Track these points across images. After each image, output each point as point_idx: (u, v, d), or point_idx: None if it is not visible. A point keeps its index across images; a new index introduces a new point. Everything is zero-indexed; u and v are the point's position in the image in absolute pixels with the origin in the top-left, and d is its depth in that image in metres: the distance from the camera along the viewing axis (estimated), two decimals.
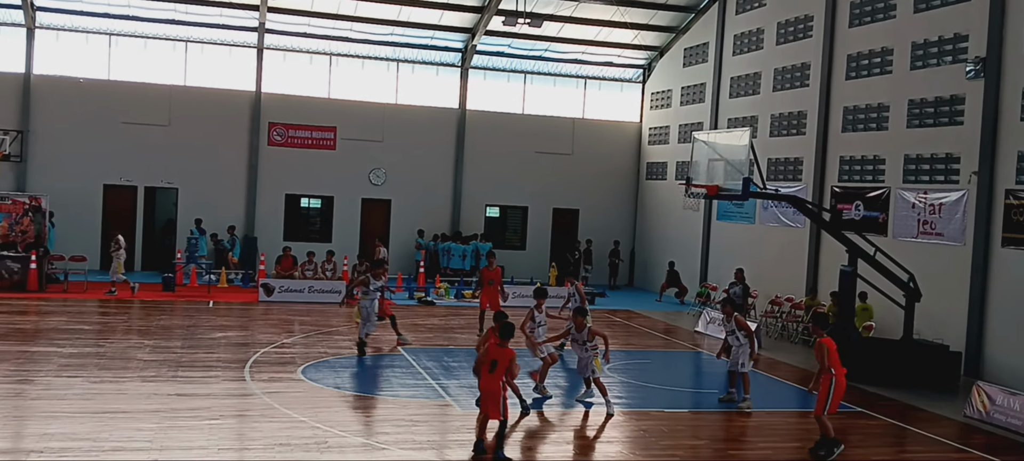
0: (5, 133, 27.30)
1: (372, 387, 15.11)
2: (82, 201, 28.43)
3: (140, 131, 29.10)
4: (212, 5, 28.53)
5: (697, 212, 27.75)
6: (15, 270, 23.71)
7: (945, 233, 19.62)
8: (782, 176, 25.23)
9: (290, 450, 11.18)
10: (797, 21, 25.08)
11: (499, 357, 11.13)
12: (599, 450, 12.29)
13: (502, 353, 11.17)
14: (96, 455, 10.60)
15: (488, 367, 11.14)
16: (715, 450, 12.54)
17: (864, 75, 22.46)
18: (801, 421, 14.93)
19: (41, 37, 28.69)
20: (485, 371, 11.17)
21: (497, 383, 11.09)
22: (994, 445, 13.36)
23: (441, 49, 31.69)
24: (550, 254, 32.75)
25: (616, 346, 20.43)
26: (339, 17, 29.40)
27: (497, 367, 11.07)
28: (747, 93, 27.20)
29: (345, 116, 30.84)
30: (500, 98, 32.81)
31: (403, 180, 31.44)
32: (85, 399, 13.18)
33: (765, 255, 25.58)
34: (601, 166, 33.35)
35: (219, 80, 30.05)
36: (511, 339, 11.54)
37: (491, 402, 11.10)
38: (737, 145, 18.04)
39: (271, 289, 24.44)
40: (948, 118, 19.87)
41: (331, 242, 30.10)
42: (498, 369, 11.07)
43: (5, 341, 17.10)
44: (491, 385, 11.10)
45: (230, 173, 30.00)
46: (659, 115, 32.69)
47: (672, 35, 31.56)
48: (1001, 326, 18.19)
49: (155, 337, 18.25)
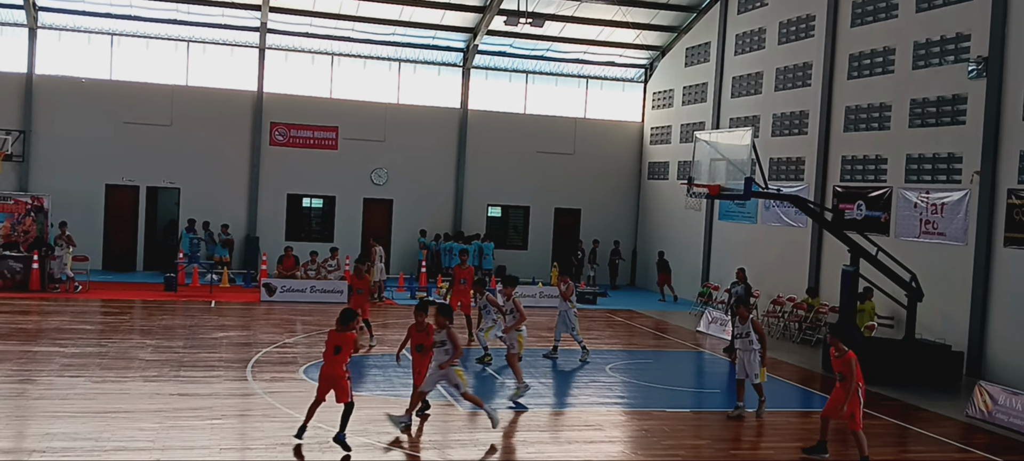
0: (7, 133, 27.38)
1: (373, 387, 15.11)
2: (84, 201, 28.44)
3: (142, 131, 29.13)
4: (214, 5, 28.55)
5: (699, 212, 27.74)
6: (17, 270, 23.72)
7: (947, 233, 19.60)
8: (784, 176, 25.22)
9: (291, 450, 11.18)
10: (799, 21, 25.07)
11: (342, 342, 11.32)
12: (600, 450, 12.28)
13: (344, 337, 11.36)
14: (98, 455, 10.61)
15: (331, 351, 11.33)
16: (717, 450, 12.53)
17: (866, 75, 22.44)
18: (802, 421, 14.94)
19: (43, 37, 28.73)
20: (328, 355, 11.37)
21: (340, 367, 11.29)
22: (996, 445, 13.35)
23: (443, 49, 31.70)
24: (552, 254, 32.76)
25: (617, 346, 20.47)
26: (341, 17, 29.41)
27: (341, 352, 11.28)
28: (749, 93, 27.19)
29: (347, 116, 30.86)
30: (502, 98, 32.82)
31: (405, 180, 31.46)
32: (87, 399, 13.19)
33: (767, 255, 25.58)
34: (603, 166, 33.35)
35: (221, 80, 30.08)
36: (351, 324, 11.66)
37: (336, 387, 11.29)
38: (739, 145, 18.03)
39: (273, 289, 24.47)
40: (950, 118, 19.85)
41: (333, 242, 30.13)
42: (342, 354, 11.28)
43: (7, 341, 17.12)
44: (334, 370, 11.32)
45: (232, 173, 30.02)
46: (661, 115, 32.68)
47: (674, 35, 31.55)
48: (1003, 326, 18.17)
49: (157, 337, 18.27)
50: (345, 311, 11.96)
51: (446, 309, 12.53)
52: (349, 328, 11.57)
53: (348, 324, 11.61)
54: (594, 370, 17.50)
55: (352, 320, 11.76)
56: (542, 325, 22.86)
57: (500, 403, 13.97)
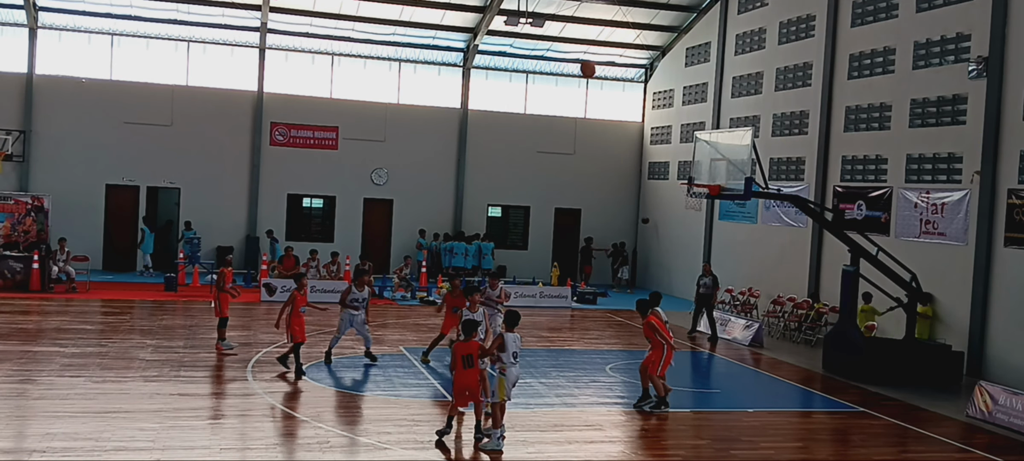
0: (8, 133, 27.39)
1: (374, 387, 15.11)
2: (84, 201, 28.44)
3: (142, 131, 29.13)
4: (214, 5, 28.55)
5: (699, 212, 27.73)
6: (17, 270, 23.72)
7: (947, 233, 19.60)
8: (784, 176, 25.22)
9: (292, 450, 11.18)
10: (799, 20, 25.07)
11: (469, 350, 11.85)
12: (600, 450, 12.28)
13: (469, 347, 11.92)
14: (98, 455, 10.61)
15: (461, 364, 11.75)
16: (716, 450, 12.52)
17: (866, 74, 22.44)
18: (803, 421, 14.95)
19: (43, 37, 28.73)
20: (459, 366, 11.79)
21: (474, 377, 11.84)
22: (996, 445, 13.35)
23: (443, 49, 31.70)
24: (552, 254, 32.76)
25: (618, 346, 20.46)
26: (341, 17, 29.41)
27: (471, 362, 11.76)
28: (749, 93, 27.19)
29: (347, 116, 30.86)
30: (502, 98, 32.81)
31: (405, 180, 31.45)
32: (87, 399, 13.19)
33: (767, 255, 25.58)
34: (603, 166, 33.35)
35: (221, 80, 30.07)
36: (473, 335, 12.24)
37: (473, 395, 11.88)
38: (739, 145, 18.04)
39: (273, 289, 24.41)
40: (950, 118, 19.85)
41: (333, 242, 30.13)
42: (472, 364, 11.76)
43: (8, 341, 17.12)
44: (467, 380, 11.84)
45: (232, 173, 30.02)
46: (661, 115, 32.68)
47: (674, 35, 31.55)
48: (1003, 326, 18.17)
49: (157, 337, 18.27)
50: (465, 323, 12.53)
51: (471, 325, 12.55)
52: (471, 338, 12.15)
53: (470, 335, 12.18)
54: (594, 370, 17.51)
55: (473, 330, 12.38)
56: (542, 325, 22.89)
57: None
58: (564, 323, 23.57)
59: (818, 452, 12.84)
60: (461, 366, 11.83)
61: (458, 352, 11.94)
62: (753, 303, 24.65)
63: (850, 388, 16.87)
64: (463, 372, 11.83)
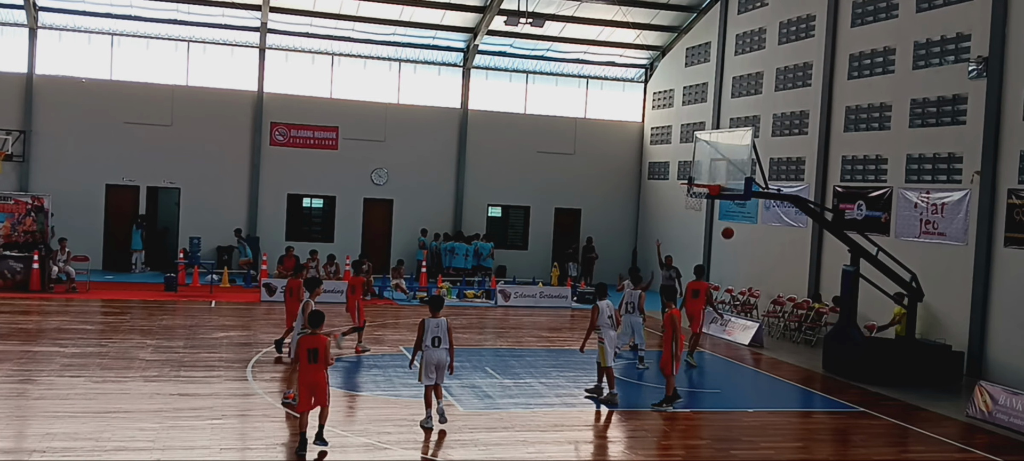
0: (8, 133, 27.38)
1: (373, 387, 15.11)
2: (84, 201, 28.45)
3: (142, 131, 29.12)
4: (214, 5, 28.55)
5: (699, 212, 27.73)
6: (17, 270, 23.72)
7: (947, 233, 19.60)
8: (784, 176, 25.22)
9: (292, 450, 11.18)
10: (799, 21, 25.07)
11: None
12: (600, 450, 12.27)
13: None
14: (98, 455, 10.61)
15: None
16: (716, 450, 12.52)
17: (866, 75, 22.45)
18: (803, 421, 14.95)
19: (43, 37, 28.73)
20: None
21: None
22: (997, 445, 13.35)
23: (443, 49, 31.70)
24: (552, 254, 32.76)
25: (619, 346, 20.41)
26: (341, 17, 29.41)
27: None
28: (749, 93, 27.19)
29: (347, 116, 30.86)
30: (502, 98, 32.81)
31: (405, 180, 31.45)
32: (87, 399, 13.20)
33: (767, 255, 25.58)
34: (603, 166, 33.35)
35: (221, 80, 30.07)
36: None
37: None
38: (739, 145, 18.03)
39: (273, 289, 24.45)
40: (950, 118, 19.85)
41: (333, 242, 30.14)
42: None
43: (8, 341, 17.12)
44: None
45: (232, 173, 30.02)
46: (661, 115, 32.68)
47: (674, 35, 31.55)
48: (1003, 326, 18.16)
49: (157, 337, 18.26)
50: (313, 314, 11.40)
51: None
52: (318, 332, 11.12)
53: (317, 327, 11.17)
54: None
55: (321, 323, 11.32)
56: (542, 325, 22.89)
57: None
58: (564, 323, 23.56)
59: (818, 452, 12.84)
60: (305, 361, 10.87)
61: (303, 345, 10.91)
62: (753, 303, 24.65)
63: (850, 388, 16.87)
64: (308, 368, 10.88)
